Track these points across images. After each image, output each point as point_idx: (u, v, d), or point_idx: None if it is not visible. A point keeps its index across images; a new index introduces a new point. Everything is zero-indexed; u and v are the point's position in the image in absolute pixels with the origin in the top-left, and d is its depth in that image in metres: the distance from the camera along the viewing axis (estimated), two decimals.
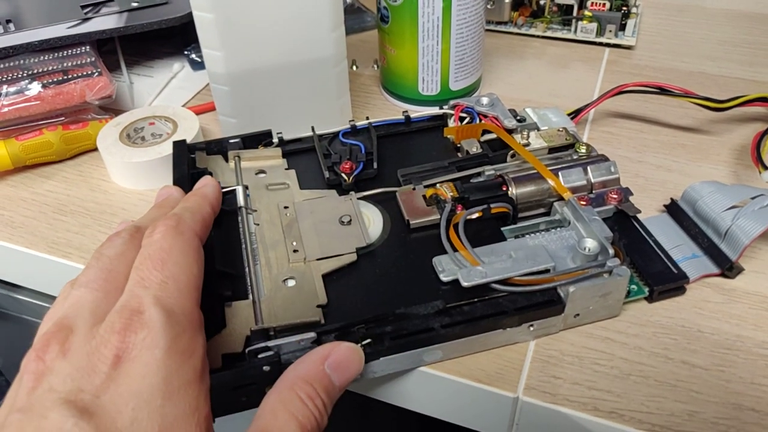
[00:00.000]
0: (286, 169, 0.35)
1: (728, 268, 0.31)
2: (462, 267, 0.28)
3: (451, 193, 0.32)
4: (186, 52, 0.47)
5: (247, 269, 0.28)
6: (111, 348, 0.19)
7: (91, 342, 0.20)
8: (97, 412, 0.18)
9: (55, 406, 0.18)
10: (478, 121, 0.37)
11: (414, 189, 0.33)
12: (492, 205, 0.31)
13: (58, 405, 0.18)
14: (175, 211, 0.25)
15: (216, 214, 0.29)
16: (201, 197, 0.28)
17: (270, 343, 0.25)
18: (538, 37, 0.51)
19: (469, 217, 0.31)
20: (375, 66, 0.48)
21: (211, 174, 0.33)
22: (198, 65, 0.47)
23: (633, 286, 0.30)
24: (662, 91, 0.39)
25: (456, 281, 0.28)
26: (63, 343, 0.20)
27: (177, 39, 0.48)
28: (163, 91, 0.45)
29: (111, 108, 0.41)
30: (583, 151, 0.35)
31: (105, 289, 0.22)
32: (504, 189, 0.32)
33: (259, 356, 0.24)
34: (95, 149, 0.39)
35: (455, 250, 0.29)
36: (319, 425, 0.22)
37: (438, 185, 0.32)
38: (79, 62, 0.39)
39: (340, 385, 0.23)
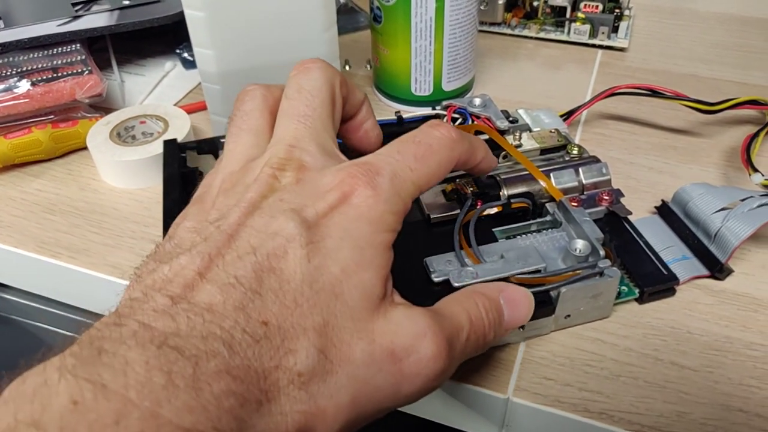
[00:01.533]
0: None
1: (718, 270, 0.31)
2: (454, 267, 0.28)
3: (471, 188, 0.32)
4: (178, 51, 0.47)
5: None
6: (342, 188, 0.21)
7: (325, 176, 0.22)
8: (314, 228, 0.20)
9: (283, 211, 0.20)
10: (470, 122, 0.37)
11: None
12: (512, 200, 0.31)
13: (287, 211, 0.20)
14: (462, 132, 0.26)
15: None
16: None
17: None
18: (531, 38, 0.51)
19: (487, 212, 0.31)
20: (368, 66, 0.48)
21: (201, 174, 0.33)
22: (190, 64, 0.47)
23: (623, 288, 0.30)
24: (654, 93, 0.39)
25: (448, 282, 0.28)
26: (297, 171, 0.22)
27: (169, 37, 0.48)
28: (154, 90, 0.45)
29: (101, 107, 0.41)
30: (575, 152, 0.35)
31: (315, 126, 0.24)
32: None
33: None
34: (85, 148, 0.38)
35: (461, 247, 0.29)
36: (485, 336, 0.23)
37: (457, 180, 0.32)
38: (69, 60, 0.39)
39: (507, 322, 0.24)
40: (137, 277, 0.20)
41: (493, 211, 0.31)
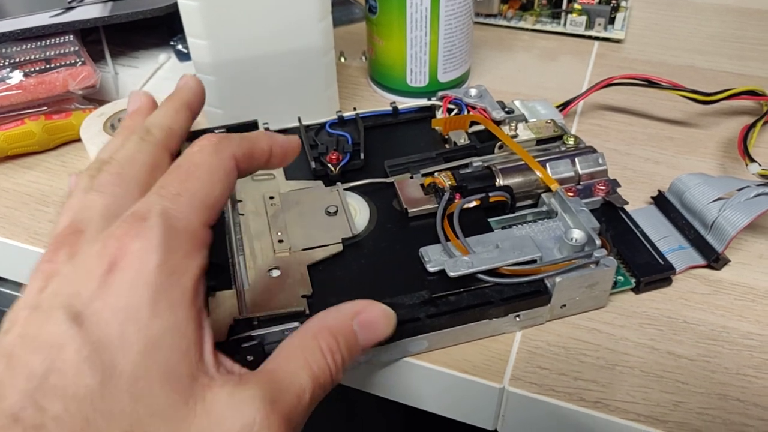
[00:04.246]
0: None
1: (714, 260, 0.31)
2: (450, 257, 0.28)
3: (449, 182, 0.31)
4: (172, 43, 0.47)
5: (231, 259, 0.28)
6: (108, 253, 0.19)
7: (94, 246, 0.19)
8: (87, 321, 0.18)
9: (56, 308, 0.18)
10: (466, 113, 0.37)
11: (411, 177, 0.32)
12: (490, 194, 0.31)
13: (59, 308, 0.18)
14: (228, 134, 0.24)
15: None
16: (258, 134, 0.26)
17: (254, 333, 0.24)
18: (527, 30, 0.51)
19: (466, 206, 0.31)
20: (363, 58, 0.48)
21: None
22: (184, 56, 0.46)
23: (619, 277, 0.30)
24: (650, 83, 0.39)
25: (443, 272, 0.27)
26: (72, 246, 0.20)
27: (163, 29, 0.48)
28: (148, 82, 0.44)
29: (95, 98, 0.41)
30: (571, 142, 0.34)
31: (115, 194, 0.22)
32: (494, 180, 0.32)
33: (243, 345, 0.24)
34: (78, 140, 0.38)
35: (448, 239, 0.29)
36: (332, 380, 0.21)
37: (436, 174, 0.32)
38: (62, 51, 0.39)
39: (363, 345, 0.23)
40: None
41: (472, 204, 0.31)
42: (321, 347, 0.21)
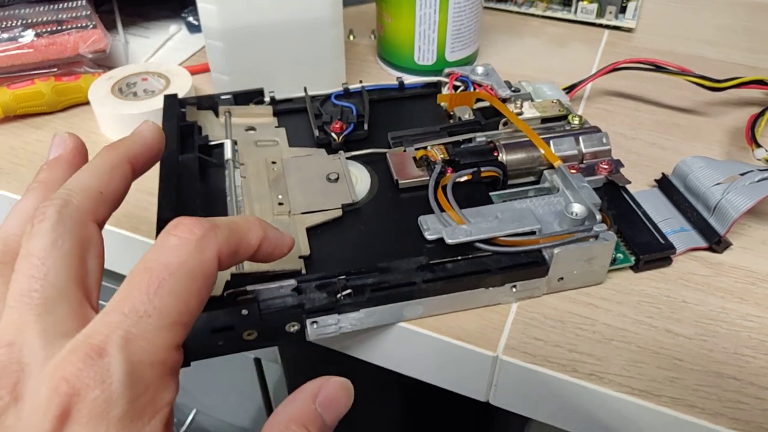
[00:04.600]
0: (276, 127, 0.34)
1: (716, 242, 0.31)
2: (447, 226, 0.28)
3: (442, 156, 0.31)
4: (183, 15, 0.47)
5: None
6: (59, 401, 0.15)
7: (40, 388, 0.16)
8: None
9: None
10: (472, 90, 0.37)
11: (405, 151, 0.32)
12: (482, 169, 0.31)
13: None
14: (214, 220, 0.20)
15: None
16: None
17: (249, 287, 0.24)
18: (537, 16, 0.51)
19: (458, 180, 0.30)
20: (372, 36, 0.48)
21: (200, 128, 0.33)
22: (195, 28, 0.47)
23: (619, 255, 0.30)
24: (658, 68, 0.39)
25: (441, 241, 0.27)
26: (15, 383, 0.16)
27: (175, 1, 0.48)
28: (158, 52, 0.44)
29: (104, 64, 0.41)
30: (576, 122, 0.34)
31: (47, 301, 0.17)
32: (495, 154, 0.32)
33: (238, 299, 0.24)
34: (86, 103, 0.38)
35: (442, 210, 0.29)
36: None
37: (429, 147, 0.32)
38: (74, 14, 0.39)
39: (331, 423, 0.20)
40: None
41: (463, 179, 0.31)
42: None
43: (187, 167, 0.30)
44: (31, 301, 0.17)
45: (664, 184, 0.34)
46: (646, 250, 0.30)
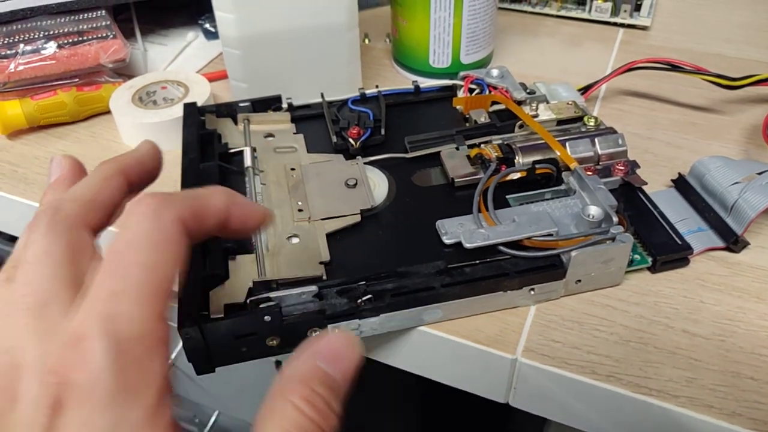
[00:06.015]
0: (294, 133, 0.35)
1: (733, 242, 0.31)
2: (470, 229, 0.28)
3: (496, 153, 0.32)
4: (200, 22, 0.48)
5: None
6: (49, 394, 0.16)
7: (32, 388, 0.17)
8: None
9: None
10: (487, 92, 0.37)
11: (458, 149, 0.33)
12: (537, 165, 0.31)
13: None
14: (175, 191, 0.21)
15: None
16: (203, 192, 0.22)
17: (272, 294, 0.25)
18: (552, 16, 0.51)
19: (511, 176, 0.31)
20: (387, 40, 0.48)
21: (220, 136, 0.34)
22: (212, 35, 0.47)
23: (636, 256, 0.30)
24: (673, 67, 0.39)
25: (459, 245, 0.28)
26: (12, 386, 0.17)
27: (192, 8, 0.49)
28: (176, 59, 0.45)
29: (124, 73, 0.42)
30: (592, 123, 0.35)
31: (39, 305, 0.18)
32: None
33: (261, 306, 0.25)
34: (108, 112, 0.39)
35: (479, 210, 0.29)
36: (328, 425, 0.18)
37: (482, 145, 0.33)
38: (94, 25, 0.40)
39: (342, 377, 0.20)
40: None
41: (517, 176, 0.31)
42: (293, 403, 0.18)
43: (209, 175, 0.30)
44: (25, 306, 0.18)
45: (680, 184, 0.34)
46: (663, 250, 0.30)
